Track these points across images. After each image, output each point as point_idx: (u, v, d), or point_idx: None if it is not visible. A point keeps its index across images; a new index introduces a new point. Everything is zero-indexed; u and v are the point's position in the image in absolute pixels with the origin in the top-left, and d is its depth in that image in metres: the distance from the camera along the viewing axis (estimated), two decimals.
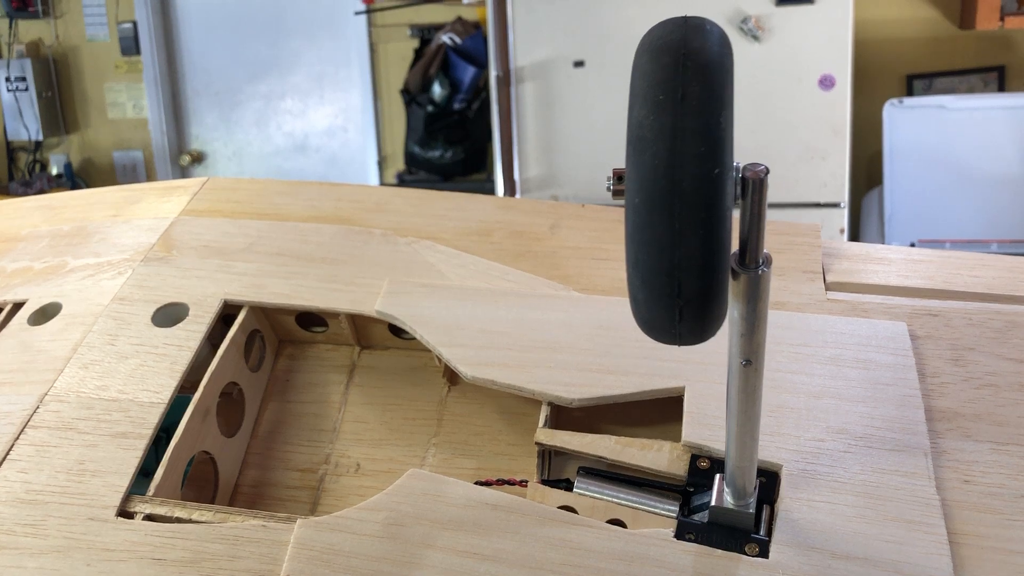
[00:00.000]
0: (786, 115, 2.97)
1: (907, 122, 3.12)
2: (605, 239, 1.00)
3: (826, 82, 2.94)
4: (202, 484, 0.88)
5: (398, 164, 4.18)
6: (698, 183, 0.45)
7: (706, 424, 0.77)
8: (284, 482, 0.90)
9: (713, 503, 0.71)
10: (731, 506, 0.70)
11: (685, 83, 0.45)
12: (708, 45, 0.46)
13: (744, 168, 0.51)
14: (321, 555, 0.70)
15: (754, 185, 0.51)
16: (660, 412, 0.84)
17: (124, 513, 0.75)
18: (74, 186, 4.33)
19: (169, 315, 0.92)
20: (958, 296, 0.90)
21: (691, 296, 0.48)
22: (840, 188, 2.98)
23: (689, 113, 0.45)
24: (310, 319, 0.98)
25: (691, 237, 0.46)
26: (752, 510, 0.70)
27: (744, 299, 0.55)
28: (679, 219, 0.46)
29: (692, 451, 0.76)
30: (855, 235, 3.41)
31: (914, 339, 0.84)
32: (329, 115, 4.34)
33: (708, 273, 0.48)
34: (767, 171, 0.51)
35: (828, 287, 0.92)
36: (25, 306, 0.96)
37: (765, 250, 0.54)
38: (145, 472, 0.79)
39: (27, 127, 4.30)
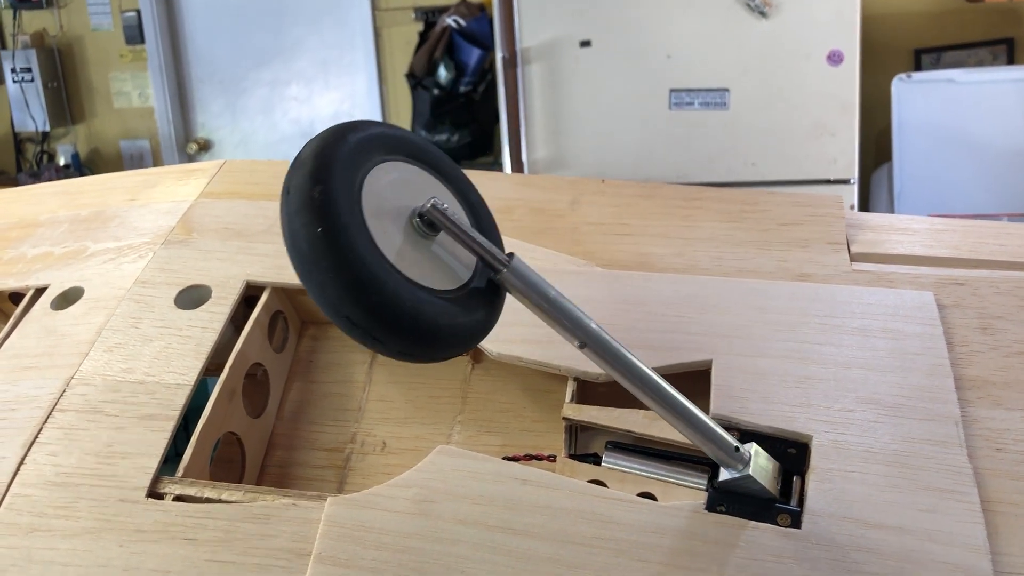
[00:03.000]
0: (794, 92, 2.96)
1: (916, 97, 3.10)
2: (626, 214, 1.00)
3: (834, 58, 2.92)
4: (229, 465, 0.88)
5: None
6: (310, 243, 0.56)
7: (734, 397, 0.77)
8: (310, 462, 0.90)
9: (720, 480, 0.71)
10: (733, 475, 0.70)
11: (289, 180, 0.59)
12: (313, 145, 0.60)
13: (419, 210, 0.62)
14: (352, 532, 0.70)
15: (434, 216, 0.62)
16: (686, 386, 0.84)
17: (154, 494, 0.75)
18: (81, 176, 4.33)
19: (192, 297, 0.92)
20: (984, 265, 0.89)
21: (364, 322, 0.57)
22: (850, 164, 2.96)
23: (292, 200, 0.58)
24: None
25: (329, 281, 0.57)
26: (749, 471, 0.70)
27: (519, 296, 0.65)
28: (315, 271, 0.57)
29: (721, 423, 0.76)
30: (864, 211, 3.39)
31: (941, 308, 0.84)
32: (335, 101, 4.33)
33: (363, 300, 0.57)
34: (438, 201, 0.62)
35: (853, 258, 0.91)
36: (47, 291, 0.96)
37: (508, 250, 0.64)
38: (167, 459, 0.79)
39: (33, 118, 4.29)
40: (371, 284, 0.57)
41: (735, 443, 0.71)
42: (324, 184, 0.57)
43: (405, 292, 0.58)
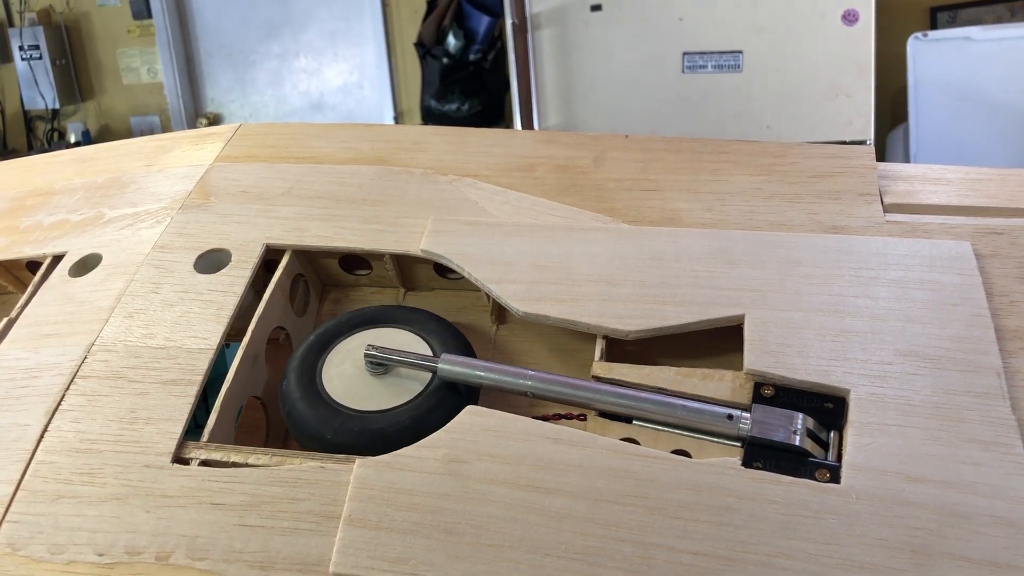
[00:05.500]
0: (809, 53, 2.91)
1: (932, 56, 3.05)
2: (651, 169, 0.97)
3: (849, 17, 2.88)
4: (253, 431, 0.87)
5: (415, 119, 4.14)
6: (286, 417, 0.80)
7: (768, 351, 0.75)
8: None
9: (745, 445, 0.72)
10: (743, 434, 0.72)
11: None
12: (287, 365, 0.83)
13: (372, 354, 0.81)
14: (382, 494, 0.69)
15: (371, 358, 0.80)
16: (714, 343, 0.82)
17: (180, 459, 0.74)
18: None
19: (211, 261, 0.90)
20: (1023, 214, 0.87)
21: (336, 447, 0.76)
22: (865, 125, 2.92)
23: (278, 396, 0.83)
24: (354, 262, 0.97)
25: (304, 436, 0.78)
26: (748, 429, 0.71)
27: (461, 378, 0.79)
28: (295, 433, 0.79)
29: (755, 379, 0.75)
30: None
31: (979, 258, 0.82)
32: (344, 72, 4.29)
33: (325, 440, 0.77)
34: (371, 347, 0.81)
35: (887, 209, 0.89)
36: (65, 258, 0.95)
37: (436, 355, 0.81)
38: (187, 431, 0.78)
39: (43, 96, 4.28)
40: (324, 428, 0.77)
41: (726, 412, 0.72)
42: (286, 379, 0.81)
43: (352, 423, 0.77)
